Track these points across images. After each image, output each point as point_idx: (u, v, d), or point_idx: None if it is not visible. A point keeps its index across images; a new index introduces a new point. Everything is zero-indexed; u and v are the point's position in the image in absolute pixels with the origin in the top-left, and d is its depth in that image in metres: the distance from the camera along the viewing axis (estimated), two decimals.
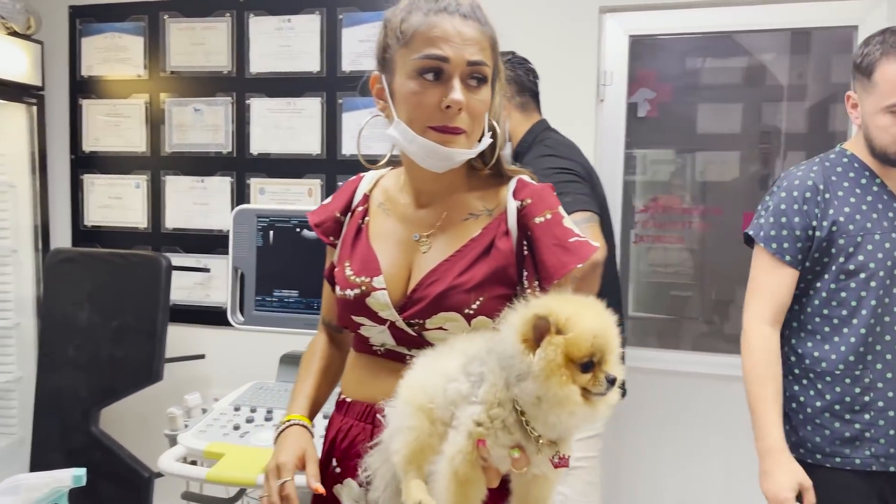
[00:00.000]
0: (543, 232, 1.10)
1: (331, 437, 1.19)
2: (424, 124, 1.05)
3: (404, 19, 1.07)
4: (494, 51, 1.10)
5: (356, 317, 1.14)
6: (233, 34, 2.83)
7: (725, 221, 2.67)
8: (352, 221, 1.22)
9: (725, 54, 2.71)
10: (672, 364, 2.63)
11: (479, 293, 1.08)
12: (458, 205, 1.15)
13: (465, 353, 0.95)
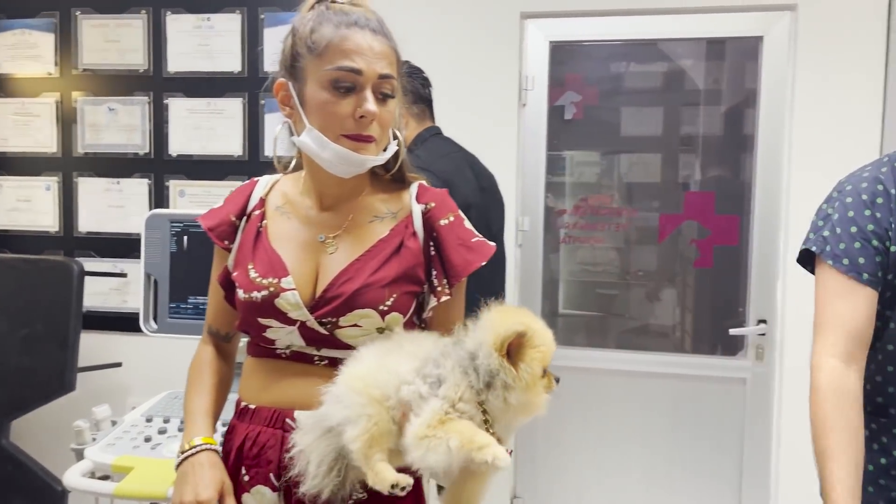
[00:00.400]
0: (448, 233, 1.17)
1: (237, 445, 1.17)
2: (337, 132, 1.09)
3: (314, 29, 1.09)
4: (399, 65, 1.16)
5: (263, 319, 1.14)
6: (149, 32, 2.75)
7: (648, 222, 2.75)
8: (249, 225, 1.21)
9: (647, 59, 2.78)
10: (598, 362, 2.70)
11: (393, 290, 1.12)
12: (363, 208, 1.19)
13: (416, 356, 0.99)
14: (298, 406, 1.13)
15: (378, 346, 1.07)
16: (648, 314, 2.81)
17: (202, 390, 1.23)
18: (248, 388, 1.21)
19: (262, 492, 1.14)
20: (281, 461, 1.12)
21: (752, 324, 2.56)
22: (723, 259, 2.69)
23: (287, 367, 1.16)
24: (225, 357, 1.30)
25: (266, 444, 1.14)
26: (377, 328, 1.12)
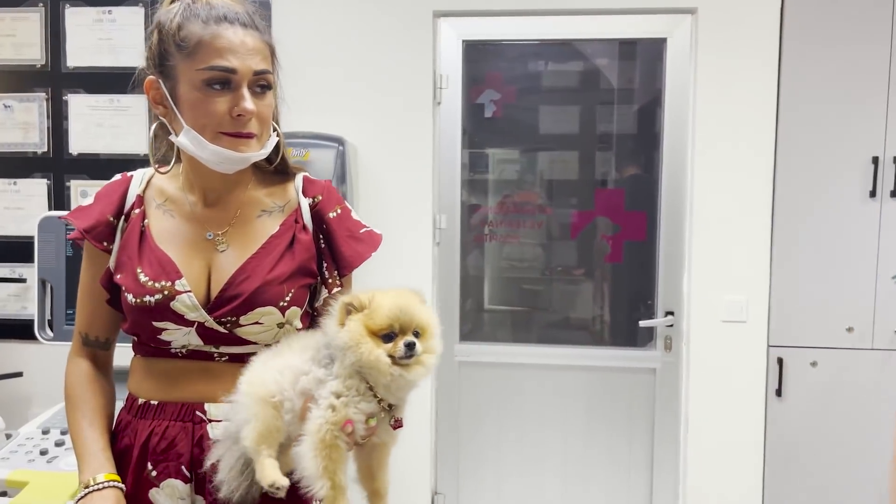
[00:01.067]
0: (338, 225, 1.18)
1: (142, 441, 1.13)
2: (215, 130, 1.07)
3: (181, 25, 1.06)
4: (274, 57, 1.13)
5: (157, 322, 1.11)
6: (46, 25, 2.62)
7: (565, 219, 2.81)
8: (130, 225, 1.16)
9: (564, 59, 2.84)
10: (518, 357, 2.74)
11: (290, 285, 1.13)
12: (249, 202, 1.18)
13: (308, 348, 1.03)
14: (206, 400, 1.12)
15: (268, 351, 1.08)
16: (568, 308, 2.88)
17: (92, 418, 1.16)
18: (145, 387, 1.17)
19: (172, 485, 1.12)
20: (193, 453, 1.11)
21: (661, 316, 2.65)
22: (632, 254, 2.77)
23: (187, 365, 1.14)
24: (103, 369, 1.24)
25: (176, 437, 1.12)
26: (278, 323, 1.12)
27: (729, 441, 2.55)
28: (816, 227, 2.48)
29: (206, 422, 1.12)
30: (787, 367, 2.51)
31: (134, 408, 1.17)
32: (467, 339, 2.78)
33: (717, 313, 2.54)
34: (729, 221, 2.52)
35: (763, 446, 2.54)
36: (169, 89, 1.09)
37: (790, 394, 2.52)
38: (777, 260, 2.50)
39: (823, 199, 2.47)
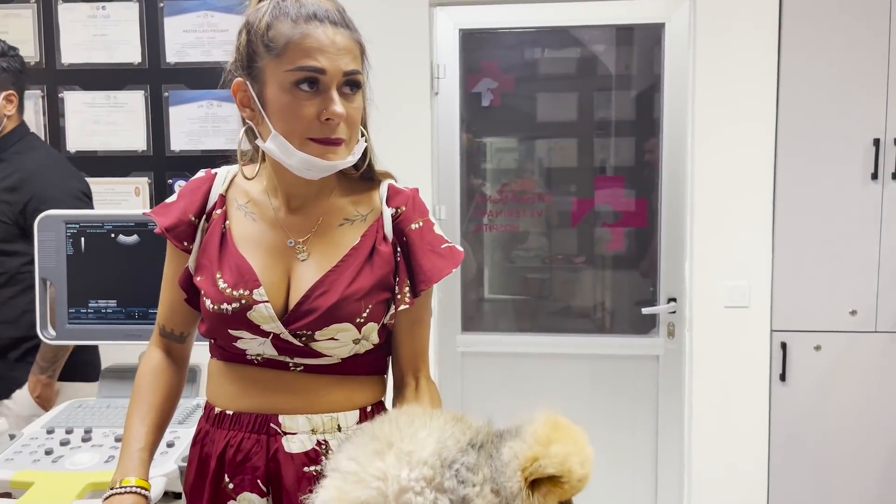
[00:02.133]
0: (419, 238, 1.13)
1: (218, 452, 1.12)
2: (303, 136, 1.03)
3: (270, 25, 1.02)
4: (364, 56, 1.09)
5: (234, 330, 1.09)
6: (40, 22, 2.60)
7: (565, 207, 2.80)
8: (212, 226, 1.14)
9: (561, 46, 2.82)
10: (521, 346, 2.74)
11: (368, 301, 1.09)
12: (332, 210, 1.14)
13: (419, 457, 0.83)
14: (280, 411, 1.11)
15: (366, 443, 0.88)
16: (569, 296, 2.88)
17: (145, 414, 1.15)
18: (221, 394, 1.16)
19: (249, 498, 1.11)
20: (269, 467, 1.10)
21: (663, 302, 2.65)
22: (633, 241, 2.77)
23: (262, 373, 1.12)
24: (177, 360, 1.23)
25: (251, 450, 1.11)
26: (353, 339, 1.09)
27: (733, 427, 2.55)
28: (818, 211, 2.47)
29: (281, 434, 1.11)
30: (790, 351, 2.51)
31: (211, 417, 1.16)
32: (469, 330, 2.78)
33: (719, 299, 2.53)
34: (730, 206, 2.51)
35: (767, 431, 2.54)
36: (257, 92, 1.05)
37: (794, 378, 2.52)
38: (779, 244, 2.50)
39: (825, 183, 2.46)
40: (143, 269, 1.86)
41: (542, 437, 0.82)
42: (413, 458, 0.82)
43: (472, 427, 0.88)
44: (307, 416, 1.11)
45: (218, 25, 2.57)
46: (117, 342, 1.88)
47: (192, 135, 2.60)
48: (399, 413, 0.92)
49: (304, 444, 1.11)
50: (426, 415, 0.89)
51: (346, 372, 1.14)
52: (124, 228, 1.86)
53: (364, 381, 1.17)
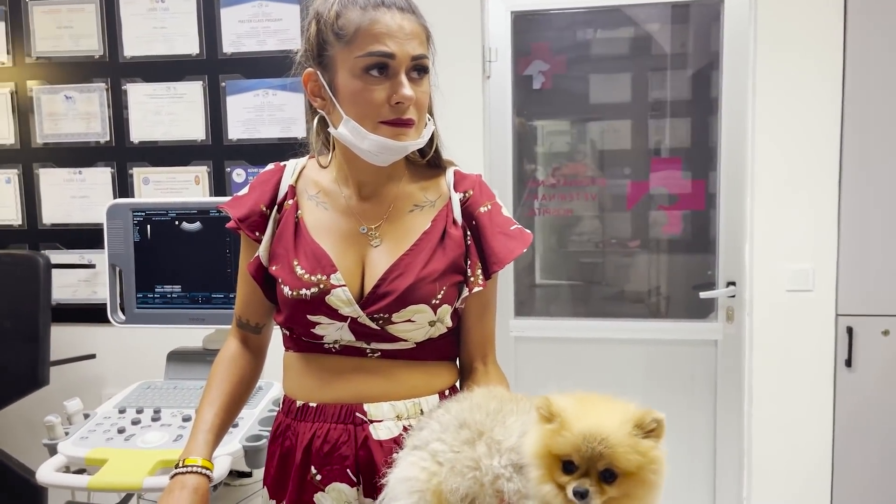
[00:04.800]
0: (488, 221, 1.15)
1: (304, 445, 1.14)
2: (375, 120, 1.06)
3: (340, 13, 1.05)
4: (430, 41, 1.11)
5: (312, 316, 1.11)
6: (102, 17, 2.68)
7: (619, 190, 2.76)
8: (284, 216, 1.17)
9: (614, 25, 2.77)
10: (574, 331, 2.72)
11: (442, 283, 1.11)
12: (402, 196, 1.17)
13: (502, 447, 0.86)
14: (363, 399, 1.13)
15: (455, 429, 0.89)
16: (623, 281, 2.84)
17: (214, 398, 1.19)
18: (300, 386, 1.18)
19: (339, 489, 1.12)
20: (358, 455, 1.11)
21: (722, 286, 2.60)
22: (691, 224, 2.71)
23: (340, 361, 1.14)
24: (253, 350, 1.27)
25: (339, 440, 1.12)
26: (429, 321, 1.11)
27: (795, 414, 2.49)
28: (886, 190, 2.38)
29: (368, 423, 1.12)
30: (857, 336, 2.43)
31: (292, 410, 1.18)
32: (521, 314, 2.77)
33: (781, 282, 2.46)
34: (793, 186, 2.43)
35: (832, 419, 2.47)
36: (328, 81, 1.08)
37: (861, 364, 2.44)
38: (845, 225, 2.41)
39: (892, 161, 2.36)
40: (205, 255, 1.92)
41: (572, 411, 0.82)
42: (503, 446, 0.84)
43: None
44: (391, 402, 1.13)
45: (272, 14, 2.61)
46: (182, 326, 1.95)
47: (248, 123, 2.64)
48: (488, 398, 0.92)
49: (392, 431, 1.12)
50: (512, 400, 0.91)
51: (421, 357, 1.16)
52: (187, 216, 1.92)
53: (439, 366, 1.19)
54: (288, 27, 2.60)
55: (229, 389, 1.21)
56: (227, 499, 1.82)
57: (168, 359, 2.00)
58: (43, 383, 2.38)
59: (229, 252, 1.91)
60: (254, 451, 1.63)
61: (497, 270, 1.14)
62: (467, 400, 0.96)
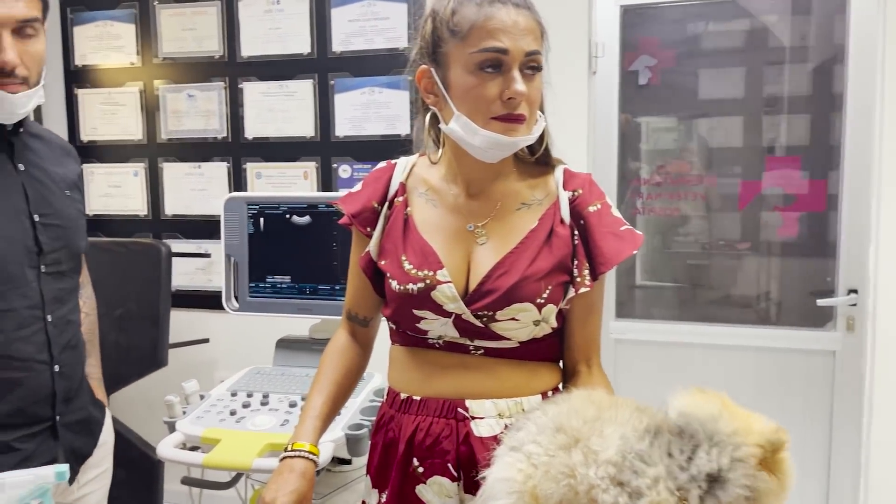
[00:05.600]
0: (597, 220, 1.14)
1: (407, 437, 1.16)
2: (487, 116, 1.06)
3: (455, 11, 1.06)
4: (544, 37, 1.11)
5: (418, 311, 1.13)
6: (223, 18, 2.82)
7: (729, 189, 2.65)
8: (394, 212, 1.20)
9: (727, 17, 2.65)
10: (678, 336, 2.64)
11: (548, 282, 1.11)
12: (510, 194, 1.17)
13: (598, 458, 0.84)
14: (466, 396, 1.14)
15: (552, 433, 0.89)
16: (730, 285, 2.72)
17: (322, 386, 1.24)
18: (405, 380, 1.21)
19: (440, 482, 1.13)
20: (459, 451, 1.12)
21: (843, 293, 2.44)
22: (809, 226, 2.56)
23: (443, 357, 1.16)
24: (361, 343, 1.30)
25: (440, 434, 1.13)
26: (534, 321, 1.11)
27: None
28: None
29: (470, 419, 1.13)
30: None
31: (396, 402, 1.20)
32: (622, 316, 2.70)
33: None
34: None
35: None
36: (441, 77, 1.10)
37: None
38: None
39: None
40: (313, 247, 1.99)
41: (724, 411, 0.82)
42: (599, 458, 0.83)
43: (653, 414, 0.87)
44: (493, 400, 1.14)
45: (380, 13, 2.66)
46: (290, 315, 2.03)
47: (355, 121, 2.71)
48: (586, 403, 0.91)
49: (493, 429, 1.12)
50: (611, 407, 0.89)
51: (524, 357, 1.16)
52: (298, 210, 1.99)
53: (542, 367, 1.19)
54: (395, 26, 2.64)
55: (337, 379, 1.25)
56: (327, 484, 1.88)
57: (277, 346, 2.09)
58: (162, 364, 2.54)
59: (336, 245, 1.96)
60: (355, 439, 1.67)
61: (605, 271, 1.12)
62: (565, 403, 0.94)
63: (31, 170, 1.36)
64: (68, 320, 1.40)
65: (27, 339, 1.30)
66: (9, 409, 1.28)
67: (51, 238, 1.34)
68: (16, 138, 1.35)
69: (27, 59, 1.26)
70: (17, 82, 1.26)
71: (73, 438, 1.40)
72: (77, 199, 1.46)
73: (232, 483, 2.01)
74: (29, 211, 1.32)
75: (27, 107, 1.29)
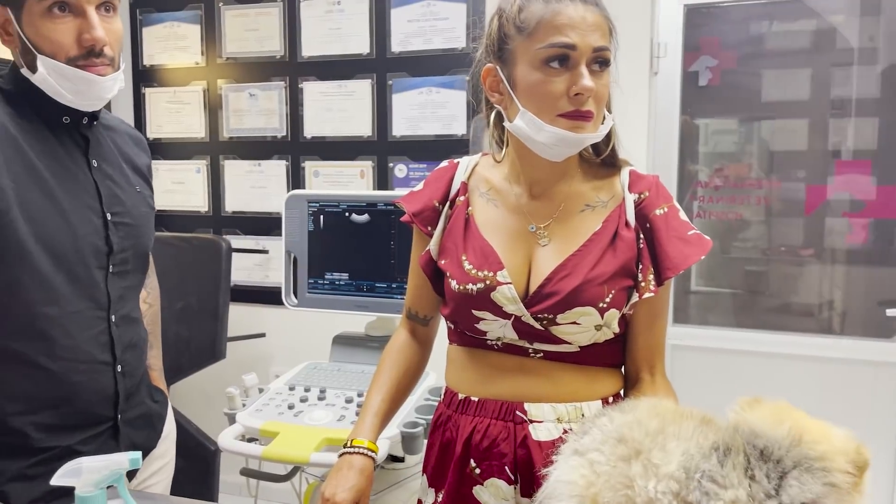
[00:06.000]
0: (663, 224, 1.11)
1: (464, 438, 1.15)
2: (553, 113, 1.04)
3: (522, 7, 1.05)
4: (612, 33, 1.09)
5: (477, 311, 1.12)
6: (284, 19, 2.87)
7: (793, 193, 2.57)
8: (455, 212, 1.19)
9: (793, 17, 2.58)
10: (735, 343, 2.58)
11: (611, 286, 1.08)
12: (574, 195, 1.14)
13: (659, 472, 0.82)
14: (524, 399, 1.12)
15: (613, 443, 0.87)
16: (791, 292, 2.64)
17: (381, 384, 1.24)
18: (463, 380, 1.20)
19: (497, 484, 1.13)
20: (517, 454, 1.11)
21: None
22: (881, 233, 2.47)
23: (502, 359, 1.15)
24: (420, 341, 1.31)
25: (498, 436, 1.12)
26: (595, 325, 1.09)
27: None
28: None
29: (528, 422, 1.11)
30: None
31: (454, 403, 1.19)
32: (678, 322, 2.65)
33: None
34: None
35: None
36: (506, 75, 1.08)
37: None
38: None
39: None
40: (371, 246, 2.00)
41: (804, 425, 0.79)
42: (660, 472, 0.81)
43: (719, 429, 0.84)
44: (552, 404, 1.12)
45: (439, 14, 2.67)
46: (348, 312, 2.05)
47: (412, 120, 2.73)
48: (651, 414, 0.89)
49: (552, 433, 1.10)
50: (676, 420, 0.86)
51: (585, 361, 1.13)
52: (357, 208, 2.01)
53: (603, 372, 1.16)
54: (454, 26, 2.65)
55: (396, 377, 1.26)
56: (380, 481, 1.89)
57: (333, 342, 2.11)
58: (220, 357, 2.59)
59: (394, 244, 1.98)
60: (410, 437, 1.67)
61: (671, 276, 1.09)
62: (631, 413, 0.92)
63: (103, 166, 1.32)
64: (131, 318, 1.37)
65: (91, 340, 1.26)
66: (72, 413, 1.26)
67: (121, 237, 1.31)
68: (90, 132, 1.30)
69: (111, 37, 1.21)
70: (106, 63, 1.21)
71: (133, 435, 1.38)
72: (147, 195, 1.43)
73: (289, 476, 2.04)
74: (102, 210, 1.28)
75: (113, 90, 1.25)
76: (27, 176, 1.18)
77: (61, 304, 1.21)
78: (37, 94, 1.21)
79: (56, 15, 1.16)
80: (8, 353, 1.20)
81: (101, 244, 1.27)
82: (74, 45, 1.18)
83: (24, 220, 1.16)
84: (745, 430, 0.83)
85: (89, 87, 1.21)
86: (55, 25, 1.16)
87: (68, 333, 1.22)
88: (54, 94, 1.21)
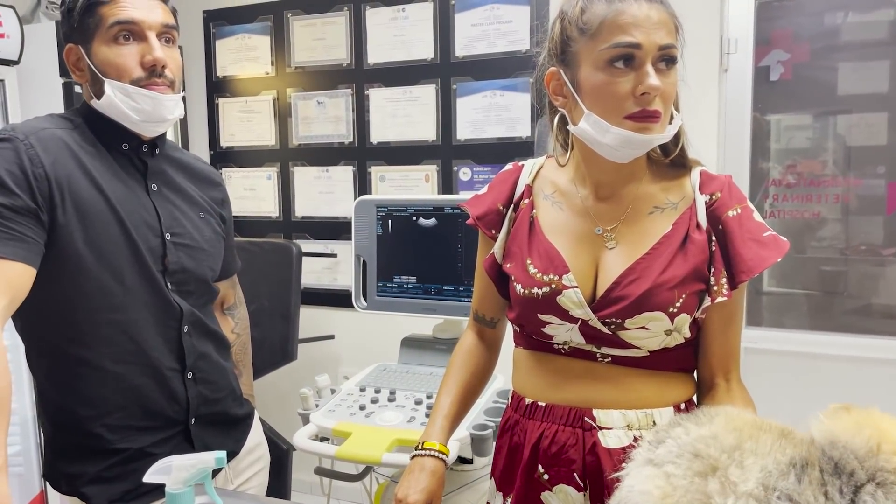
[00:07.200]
0: (737, 226, 1.07)
1: (532, 443, 1.14)
2: (620, 115, 1.01)
3: (585, 9, 1.03)
4: (679, 30, 1.06)
5: (543, 315, 1.11)
6: (351, 27, 2.93)
7: (873, 190, 2.47)
8: (520, 215, 1.18)
9: (870, 8, 2.48)
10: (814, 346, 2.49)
11: (682, 290, 1.05)
12: (642, 197, 1.12)
13: (737, 490, 0.80)
14: (592, 405, 1.11)
15: (689, 458, 0.85)
16: (871, 293, 2.54)
17: (451, 387, 1.25)
18: (529, 384, 1.19)
19: (565, 491, 1.11)
20: (586, 461, 1.10)
21: None
22: None
23: (570, 364, 1.13)
24: (488, 344, 1.31)
25: (566, 443, 1.11)
26: (665, 330, 1.06)
27: None
28: None
29: (597, 429, 1.10)
30: None
31: (521, 407, 1.19)
32: (750, 324, 2.58)
33: None
34: None
35: None
36: (570, 78, 1.06)
37: None
38: None
39: None
40: (438, 249, 2.02)
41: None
42: (738, 490, 0.79)
43: (798, 442, 0.82)
44: (621, 411, 1.10)
45: (503, 17, 2.67)
46: (416, 314, 2.08)
47: (476, 124, 2.74)
48: (727, 429, 0.87)
49: (622, 440, 1.08)
50: (753, 435, 0.84)
51: (654, 366, 1.11)
52: (424, 212, 2.04)
53: (674, 377, 1.13)
54: (517, 28, 2.65)
55: (465, 379, 1.26)
56: (449, 482, 1.90)
57: (402, 344, 2.14)
58: (291, 358, 2.66)
59: (461, 247, 1.99)
60: (479, 439, 1.68)
61: (745, 280, 1.05)
62: (707, 426, 0.90)
63: (164, 191, 1.35)
64: (207, 330, 1.40)
65: (157, 346, 1.30)
66: (141, 414, 1.30)
67: (178, 257, 1.33)
68: (150, 159, 1.34)
69: (172, 63, 1.28)
70: (167, 84, 1.27)
71: (208, 440, 1.41)
72: (213, 222, 1.44)
73: (362, 475, 2.08)
74: (161, 230, 1.31)
75: (174, 112, 1.30)
76: (88, 190, 1.24)
77: (122, 311, 1.27)
78: (101, 122, 1.29)
79: (121, 42, 1.25)
80: (76, 358, 1.27)
81: (157, 263, 1.30)
82: (138, 67, 1.25)
83: (81, 230, 1.21)
84: (824, 441, 0.81)
85: (153, 107, 1.27)
86: (120, 50, 1.25)
87: (131, 339, 1.28)
88: (119, 116, 1.27)
